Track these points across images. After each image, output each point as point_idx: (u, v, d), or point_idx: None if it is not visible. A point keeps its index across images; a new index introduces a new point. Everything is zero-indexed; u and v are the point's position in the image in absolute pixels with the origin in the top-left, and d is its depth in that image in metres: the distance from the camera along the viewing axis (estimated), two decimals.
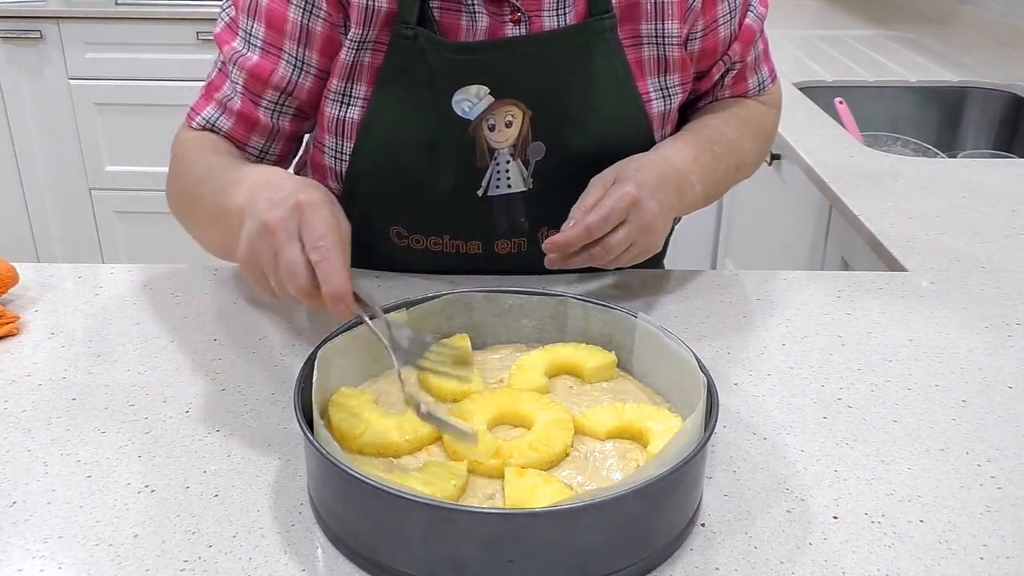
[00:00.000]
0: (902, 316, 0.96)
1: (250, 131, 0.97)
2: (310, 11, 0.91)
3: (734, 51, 1.02)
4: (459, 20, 0.91)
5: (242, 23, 0.93)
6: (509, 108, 0.92)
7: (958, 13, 2.49)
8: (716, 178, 0.98)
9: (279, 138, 0.99)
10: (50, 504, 0.67)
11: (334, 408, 0.71)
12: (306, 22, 0.91)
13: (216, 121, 0.96)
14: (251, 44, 0.93)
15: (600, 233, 0.85)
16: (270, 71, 0.93)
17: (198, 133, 0.97)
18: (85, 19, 2.63)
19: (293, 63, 0.93)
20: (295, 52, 0.92)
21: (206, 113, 0.97)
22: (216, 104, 0.97)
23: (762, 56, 1.08)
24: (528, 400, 0.73)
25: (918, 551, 0.64)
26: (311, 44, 0.92)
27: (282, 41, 0.92)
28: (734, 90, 1.07)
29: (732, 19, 0.99)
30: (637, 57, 0.95)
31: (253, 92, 0.94)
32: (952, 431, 0.77)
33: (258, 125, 0.97)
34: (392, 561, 0.60)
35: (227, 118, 0.96)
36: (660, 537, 0.62)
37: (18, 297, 0.96)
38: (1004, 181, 1.37)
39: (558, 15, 0.92)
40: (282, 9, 0.91)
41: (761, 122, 1.08)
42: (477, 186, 0.96)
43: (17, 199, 2.85)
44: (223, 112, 0.96)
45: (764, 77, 1.09)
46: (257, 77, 0.93)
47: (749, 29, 1.02)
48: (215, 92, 0.97)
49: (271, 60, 0.93)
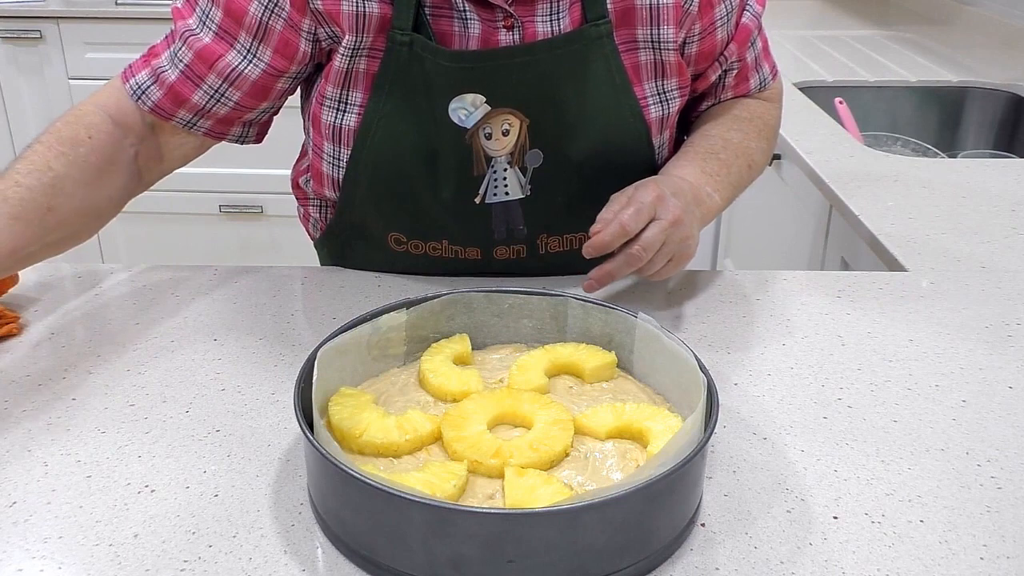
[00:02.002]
0: (902, 316, 0.96)
1: (178, 107, 0.95)
2: (272, 10, 0.90)
3: (730, 51, 1.01)
4: (452, 26, 0.91)
5: (202, 5, 0.93)
6: (506, 116, 0.92)
7: (958, 13, 2.49)
8: (730, 182, 0.98)
9: (210, 118, 0.97)
10: (50, 504, 0.67)
11: (334, 408, 0.71)
12: (266, 20, 0.90)
13: (146, 90, 0.95)
14: (206, 26, 0.92)
15: (635, 228, 0.84)
16: (218, 55, 0.92)
17: (95, 114, 0.94)
18: (85, 19, 2.63)
19: (244, 54, 0.92)
20: (248, 44, 0.92)
21: (139, 78, 0.96)
22: (151, 72, 0.95)
23: (762, 54, 1.07)
24: (528, 400, 0.73)
25: (918, 551, 0.64)
26: (267, 40, 0.91)
27: (237, 31, 0.91)
28: (736, 91, 1.07)
29: (729, 20, 0.99)
30: (634, 62, 0.95)
31: (196, 73, 0.93)
32: (952, 431, 0.77)
33: (187, 103, 0.95)
34: (392, 561, 0.60)
35: (157, 89, 0.95)
36: (660, 537, 0.62)
37: (18, 297, 0.96)
38: (1004, 181, 1.37)
39: (551, 21, 0.92)
40: (243, 2, 0.90)
41: (763, 119, 1.08)
42: (475, 193, 0.95)
43: None
44: (155, 82, 0.95)
45: (766, 75, 1.08)
46: (204, 60, 0.92)
47: (745, 28, 1.01)
48: (155, 59, 0.96)
49: (222, 46, 0.92)
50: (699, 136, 1.02)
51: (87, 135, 0.91)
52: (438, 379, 0.75)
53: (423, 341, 0.80)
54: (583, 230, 1.00)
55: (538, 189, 0.96)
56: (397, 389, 0.76)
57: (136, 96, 0.95)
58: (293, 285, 1.01)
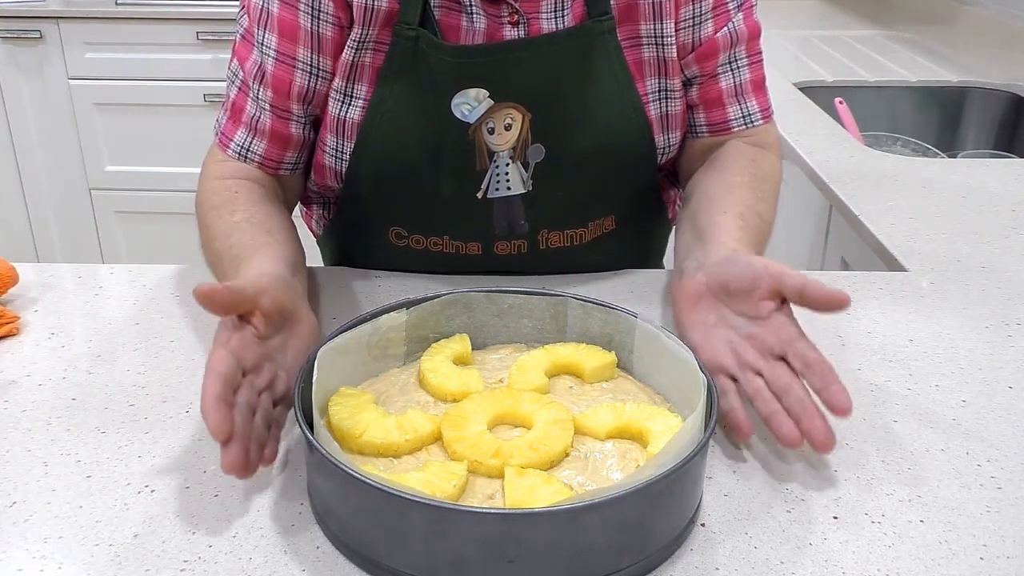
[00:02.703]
0: (902, 316, 0.96)
1: (284, 149, 0.96)
2: (317, 16, 0.90)
3: (688, 63, 0.96)
4: (459, 21, 0.91)
5: (256, 34, 0.92)
6: (508, 111, 0.92)
7: (958, 13, 2.49)
8: (758, 240, 0.91)
9: (307, 148, 0.98)
10: (50, 504, 0.67)
11: (334, 408, 0.71)
12: (316, 28, 0.90)
13: (251, 147, 0.95)
14: (266, 55, 0.92)
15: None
16: (289, 83, 0.92)
17: (225, 180, 0.95)
18: (85, 19, 2.63)
19: (308, 71, 0.92)
20: (309, 59, 0.91)
21: (239, 138, 0.95)
22: (246, 127, 0.95)
23: (748, 85, 0.99)
24: (528, 400, 0.73)
25: (918, 551, 0.64)
26: (323, 49, 0.91)
27: (295, 50, 0.91)
28: (708, 116, 1.00)
29: (696, 26, 0.95)
30: (637, 58, 0.95)
31: (281, 108, 0.93)
32: (952, 431, 0.77)
33: (291, 141, 0.96)
34: (392, 561, 0.60)
35: (260, 141, 0.95)
36: (660, 537, 0.62)
37: (18, 297, 0.96)
38: (1004, 181, 1.37)
39: (556, 17, 0.92)
40: (292, 16, 0.90)
41: (774, 179, 1.00)
42: (477, 188, 0.96)
43: (17, 199, 2.85)
44: (255, 135, 0.95)
45: (751, 110, 1.00)
46: (279, 92, 0.92)
47: (713, 43, 0.95)
48: (242, 113, 0.95)
49: (287, 71, 0.91)
50: (749, 212, 0.91)
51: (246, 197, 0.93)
52: (438, 379, 0.75)
53: (423, 341, 0.80)
54: (584, 226, 1.01)
55: (539, 184, 0.96)
56: (397, 389, 0.76)
57: (243, 158, 0.96)
58: None
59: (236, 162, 0.96)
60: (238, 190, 0.93)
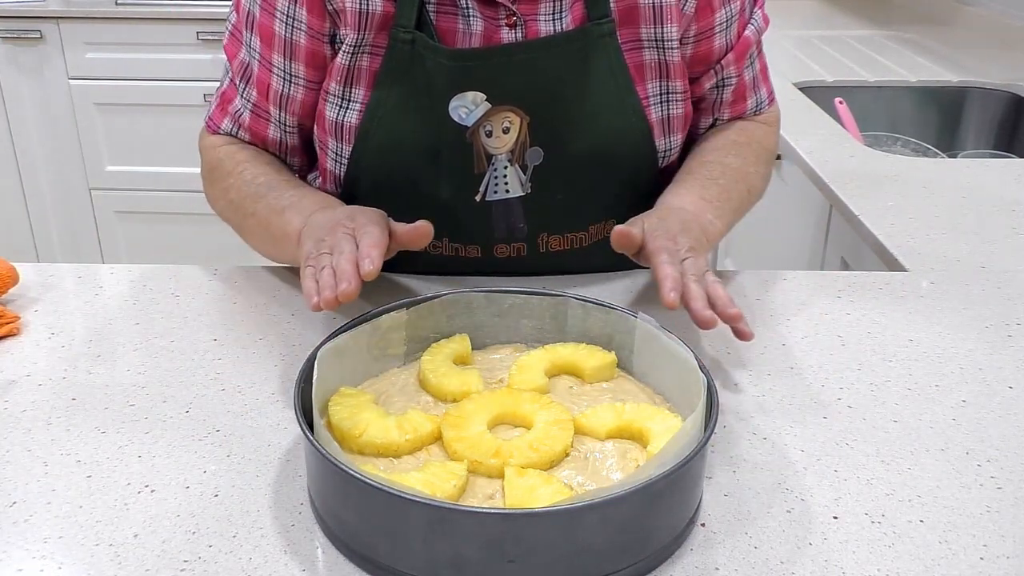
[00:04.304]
0: (902, 316, 0.96)
1: (264, 147, 1.01)
2: (291, 24, 0.91)
3: (727, 61, 1.00)
4: (455, 24, 0.91)
5: (244, 36, 0.95)
6: (507, 114, 0.92)
7: (958, 13, 2.49)
8: (731, 208, 0.97)
9: (293, 152, 1.02)
10: (50, 504, 0.67)
11: (334, 408, 0.71)
12: (289, 36, 0.92)
13: (237, 135, 1.00)
14: (252, 57, 0.95)
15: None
16: (268, 85, 0.95)
17: (232, 144, 1.00)
18: (85, 19, 2.63)
19: (283, 76, 0.94)
20: (283, 65, 0.94)
21: (225, 127, 1.00)
22: (231, 118, 1.00)
23: (760, 75, 1.06)
24: (528, 400, 0.73)
25: (918, 551, 0.64)
26: (296, 56, 0.93)
27: (271, 55, 0.94)
28: (733, 109, 1.05)
29: (729, 28, 0.98)
30: (637, 61, 0.95)
31: (262, 108, 0.97)
32: (952, 431, 0.77)
33: (267, 142, 1.00)
34: (392, 561, 0.60)
35: (244, 133, 1.00)
36: (660, 537, 0.62)
37: (18, 297, 0.96)
38: (1004, 181, 1.37)
39: (554, 19, 0.92)
40: (268, 23, 0.92)
41: (762, 143, 1.06)
42: (475, 191, 0.95)
43: (17, 199, 2.85)
44: (239, 127, 1.00)
45: (763, 98, 1.07)
46: (261, 92, 0.96)
47: (746, 41, 1.01)
48: (229, 104, 1.00)
49: (266, 75, 0.95)
50: (697, 163, 1.01)
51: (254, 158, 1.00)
52: (438, 379, 0.75)
53: (423, 341, 0.80)
54: (583, 228, 1.01)
55: (538, 187, 0.96)
56: (397, 389, 0.76)
57: (233, 135, 1.01)
58: (293, 285, 1.01)
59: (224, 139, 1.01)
60: (255, 151, 1.00)
